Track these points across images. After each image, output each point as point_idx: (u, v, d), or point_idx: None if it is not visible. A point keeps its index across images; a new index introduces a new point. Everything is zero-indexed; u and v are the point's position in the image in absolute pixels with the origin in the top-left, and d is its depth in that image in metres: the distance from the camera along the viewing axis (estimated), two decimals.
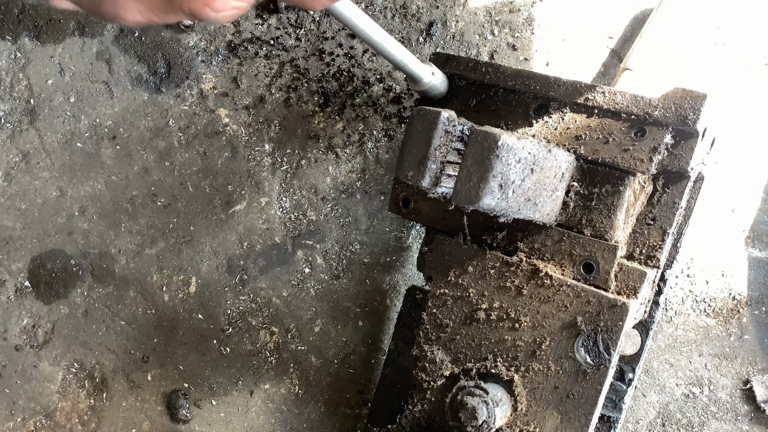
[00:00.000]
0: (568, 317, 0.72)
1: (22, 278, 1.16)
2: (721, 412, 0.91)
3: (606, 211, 0.73)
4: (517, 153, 0.62)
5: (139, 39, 1.10)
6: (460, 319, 0.78)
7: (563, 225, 0.74)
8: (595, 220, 0.73)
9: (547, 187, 0.69)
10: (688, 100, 0.69)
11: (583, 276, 0.73)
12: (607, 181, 0.72)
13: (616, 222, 0.72)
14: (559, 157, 0.69)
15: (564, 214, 0.74)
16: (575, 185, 0.74)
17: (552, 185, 0.70)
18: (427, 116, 0.64)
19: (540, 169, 0.66)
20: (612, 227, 0.72)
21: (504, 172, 0.62)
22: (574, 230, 0.74)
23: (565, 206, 0.74)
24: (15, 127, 1.14)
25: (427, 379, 0.79)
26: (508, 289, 0.75)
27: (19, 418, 1.16)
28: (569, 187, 0.74)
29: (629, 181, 0.71)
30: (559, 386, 0.73)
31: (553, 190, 0.70)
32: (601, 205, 0.73)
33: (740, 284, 0.92)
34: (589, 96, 0.74)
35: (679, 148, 0.71)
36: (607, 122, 0.73)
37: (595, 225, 0.73)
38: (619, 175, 0.72)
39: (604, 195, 0.73)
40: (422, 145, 0.64)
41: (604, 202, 0.73)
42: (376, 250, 1.02)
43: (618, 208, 0.72)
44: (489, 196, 0.62)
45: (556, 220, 0.74)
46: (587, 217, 0.73)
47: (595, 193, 0.73)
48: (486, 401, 0.72)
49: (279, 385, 1.06)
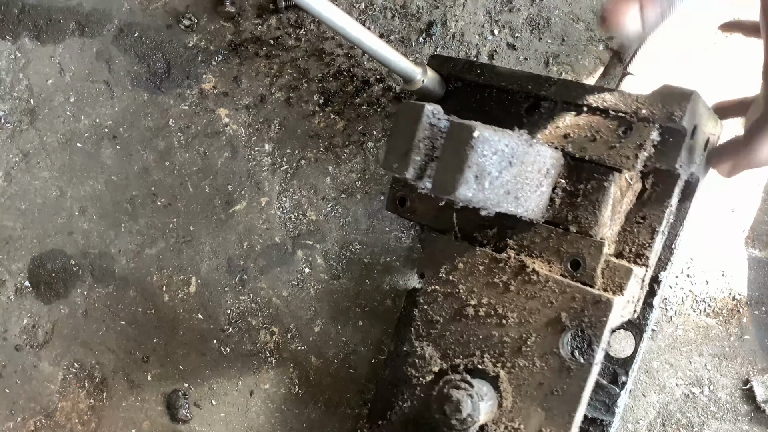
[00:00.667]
0: (553, 313, 0.72)
1: (22, 278, 1.16)
2: (721, 412, 0.91)
3: (591, 207, 0.73)
4: (493, 145, 0.62)
5: (139, 39, 1.10)
6: (449, 315, 0.78)
7: (550, 221, 0.75)
8: (580, 217, 0.73)
9: (530, 181, 0.69)
10: (676, 96, 0.69)
11: (570, 272, 0.73)
12: (592, 178, 0.72)
13: (601, 218, 0.72)
14: (543, 153, 0.69)
15: (551, 211, 0.74)
16: (562, 182, 0.74)
17: (536, 180, 0.70)
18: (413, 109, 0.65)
19: (520, 162, 0.66)
20: (597, 223, 0.72)
21: (480, 163, 0.62)
22: (560, 226, 0.74)
23: (552, 203, 0.74)
24: (15, 127, 1.14)
25: (417, 375, 0.79)
26: (496, 285, 0.75)
27: (19, 418, 1.16)
28: (556, 183, 0.74)
29: (614, 177, 0.71)
30: (544, 382, 0.73)
31: (538, 185, 0.71)
32: (587, 201, 0.73)
33: (740, 284, 0.92)
34: (578, 94, 0.74)
35: (667, 145, 0.70)
36: (596, 120, 0.73)
37: (581, 221, 0.73)
38: (605, 172, 0.72)
39: (589, 191, 0.73)
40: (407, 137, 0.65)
41: (589, 198, 0.73)
42: (376, 250, 1.02)
43: (603, 204, 0.72)
44: (464, 187, 0.62)
45: (543, 217, 0.74)
46: (573, 214, 0.73)
47: (581, 190, 0.73)
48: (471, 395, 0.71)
49: (279, 385, 1.06)
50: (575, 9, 0.96)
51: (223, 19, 1.06)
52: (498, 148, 0.63)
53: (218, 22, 1.07)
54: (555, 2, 0.97)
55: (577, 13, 0.96)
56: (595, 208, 0.72)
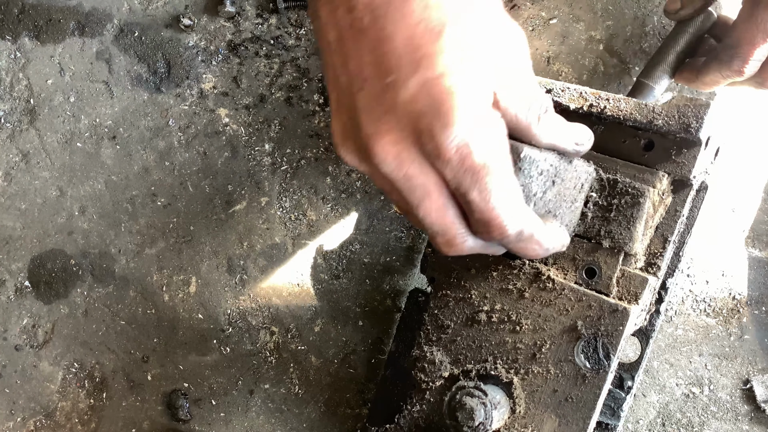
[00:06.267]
0: (569, 321, 0.72)
1: (22, 278, 1.16)
2: (721, 412, 0.91)
3: (624, 222, 0.71)
4: (539, 165, 0.61)
5: (139, 39, 1.10)
6: (461, 321, 0.78)
7: (581, 236, 0.73)
8: (613, 232, 0.72)
9: (567, 198, 0.68)
10: (692, 108, 0.69)
11: (585, 281, 0.73)
12: (626, 193, 0.72)
13: (635, 234, 0.71)
14: (579, 168, 0.69)
15: (582, 225, 0.73)
16: (593, 196, 0.73)
17: (572, 196, 0.69)
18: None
19: (561, 180, 0.65)
20: (630, 239, 0.71)
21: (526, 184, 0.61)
22: (592, 241, 0.73)
23: (584, 217, 0.73)
24: (15, 127, 1.14)
25: (426, 380, 0.79)
26: (510, 291, 0.75)
27: (19, 418, 1.16)
28: (588, 197, 0.73)
29: (648, 192, 0.71)
30: (558, 390, 0.73)
31: (573, 201, 0.70)
32: (620, 216, 0.72)
33: (740, 284, 0.92)
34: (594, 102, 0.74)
35: (682, 156, 0.70)
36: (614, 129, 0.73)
37: (614, 236, 0.72)
38: (638, 187, 0.71)
39: (622, 206, 0.72)
40: None
41: (623, 213, 0.72)
42: (376, 250, 1.02)
43: (637, 220, 0.71)
44: None
45: (574, 231, 0.73)
46: (606, 229, 0.72)
47: (614, 204, 0.72)
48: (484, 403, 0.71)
49: (279, 385, 1.06)
50: (575, 9, 0.96)
51: (223, 18, 1.06)
52: (543, 168, 0.62)
53: (218, 22, 1.07)
54: (555, 2, 0.97)
55: (577, 13, 0.96)
56: (629, 223, 0.71)
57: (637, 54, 0.94)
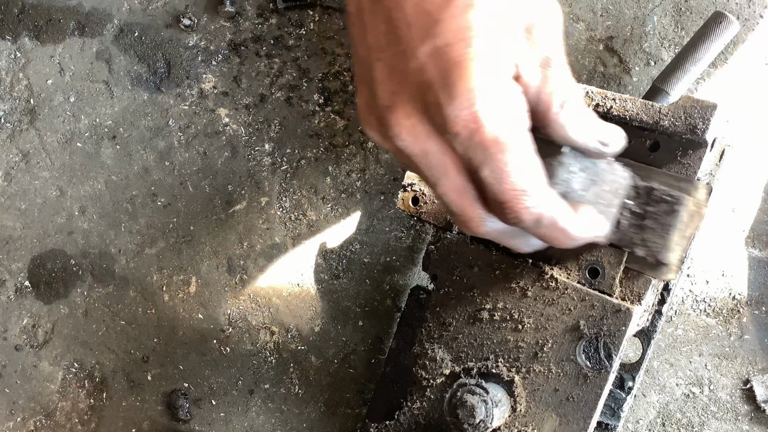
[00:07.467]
0: (571, 320, 0.72)
1: (22, 278, 1.16)
2: (721, 412, 0.91)
3: (660, 231, 0.69)
4: (581, 160, 0.61)
5: (139, 39, 1.10)
6: (463, 318, 0.78)
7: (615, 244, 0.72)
8: (648, 240, 0.70)
9: (603, 200, 0.67)
10: (698, 109, 0.69)
11: (588, 280, 0.73)
12: (663, 201, 0.70)
13: (671, 243, 0.69)
14: (617, 171, 0.68)
15: (617, 233, 0.71)
16: (629, 203, 0.71)
17: (608, 199, 0.68)
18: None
19: (601, 181, 0.65)
20: (666, 248, 0.69)
21: (567, 179, 0.60)
22: (626, 249, 0.71)
23: (618, 224, 0.71)
24: (15, 127, 1.14)
25: (427, 377, 0.79)
26: (512, 290, 0.75)
27: (19, 418, 1.16)
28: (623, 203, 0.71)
29: (685, 201, 0.69)
30: (560, 389, 0.73)
31: (608, 205, 0.68)
32: (656, 225, 0.70)
33: (740, 284, 0.92)
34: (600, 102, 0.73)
35: (688, 157, 0.70)
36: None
37: (649, 245, 0.70)
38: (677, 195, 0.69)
39: (659, 215, 0.70)
40: None
41: (659, 222, 0.69)
42: (376, 249, 1.02)
43: (673, 229, 0.69)
44: None
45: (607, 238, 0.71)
46: (640, 237, 0.70)
47: (649, 212, 0.70)
48: (485, 400, 0.72)
49: (279, 385, 1.06)
50: (575, 9, 0.96)
51: (224, 18, 1.06)
52: (585, 165, 0.61)
53: (218, 22, 1.07)
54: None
55: (577, 13, 0.96)
56: (665, 232, 0.69)
57: (637, 54, 0.94)
